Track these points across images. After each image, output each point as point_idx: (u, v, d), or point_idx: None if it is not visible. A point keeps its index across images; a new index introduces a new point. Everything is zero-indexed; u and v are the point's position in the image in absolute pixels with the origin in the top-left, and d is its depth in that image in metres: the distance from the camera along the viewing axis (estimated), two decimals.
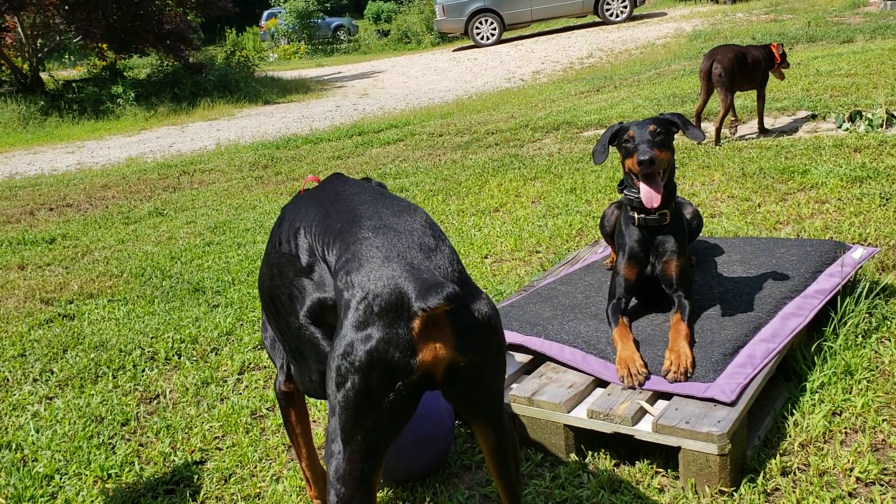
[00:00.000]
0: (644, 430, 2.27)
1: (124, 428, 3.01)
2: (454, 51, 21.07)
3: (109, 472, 2.69)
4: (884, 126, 5.86)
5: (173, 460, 2.73)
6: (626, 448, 2.43)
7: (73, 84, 16.86)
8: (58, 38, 16.67)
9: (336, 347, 1.54)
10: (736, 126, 6.62)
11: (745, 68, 6.21)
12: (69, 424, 3.04)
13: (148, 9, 16.07)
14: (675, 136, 2.71)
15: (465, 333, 1.55)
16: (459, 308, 1.54)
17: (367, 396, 1.52)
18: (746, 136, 6.43)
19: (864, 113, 6.12)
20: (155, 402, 3.23)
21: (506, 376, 2.62)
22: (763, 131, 6.46)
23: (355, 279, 1.57)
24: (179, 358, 3.59)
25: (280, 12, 30.14)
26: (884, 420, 2.43)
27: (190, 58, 16.76)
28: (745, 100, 7.15)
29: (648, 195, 2.57)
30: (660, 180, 2.59)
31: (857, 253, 3.18)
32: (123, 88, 15.47)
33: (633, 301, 2.89)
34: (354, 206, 1.80)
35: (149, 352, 3.68)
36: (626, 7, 19.98)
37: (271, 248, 1.99)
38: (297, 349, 1.93)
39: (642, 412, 2.33)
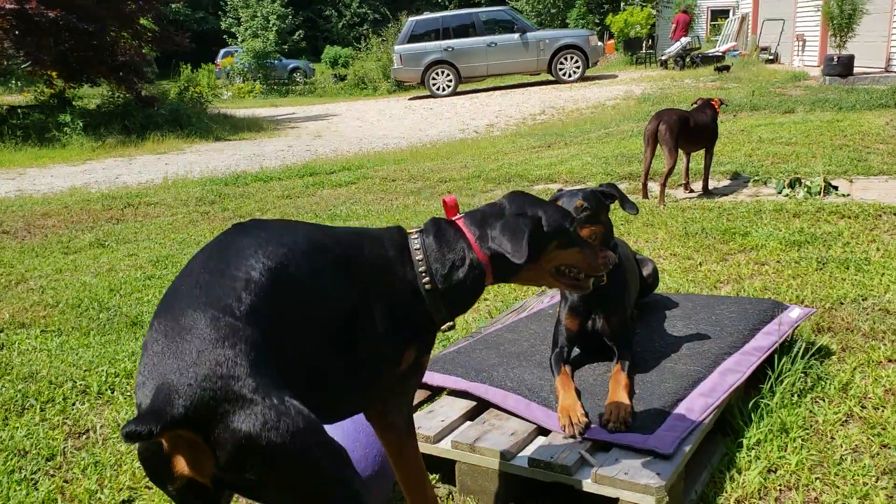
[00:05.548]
0: (584, 479, 2.27)
1: (49, 463, 2.89)
2: (410, 99, 21.31)
3: None
4: (821, 194, 6.08)
5: (99, 498, 2.63)
6: (567, 497, 2.42)
7: (18, 110, 16.50)
8: (5, 63, 16.35)
9: None
10: (690, 188, 6.83)
11: (688, 131, 6.42)
12: None
13: (102, 39, 15.89)
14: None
15: (227, 453, 1.38)
16: (214, 425, 1.37)
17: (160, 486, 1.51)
18: (690, 197, 6.60)
19: (803, 180, 6.36)
20: (84, 437, 3.11)
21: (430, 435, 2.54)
22: (707, 192, 6.66)
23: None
24: (112, 392, 3.48)
25: (237, 51, 30.16)
26: (817, 478, 2.47)
27: (142, 90, 16.59)
28: (697, 162, 7.32)
29: None
30: None
31: (795, 313, 3.27)
32: (71, 117, 15.20)
33: (576, 351, 2.93)
34: (177, 286, 1.60)
35: (81, 385, 3.55)
36: (578, 67, 20.55)
37: None
38: None
39: (582, 461, 2.33)
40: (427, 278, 1.92)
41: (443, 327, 1.98)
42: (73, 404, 3.38)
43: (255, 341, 1.47)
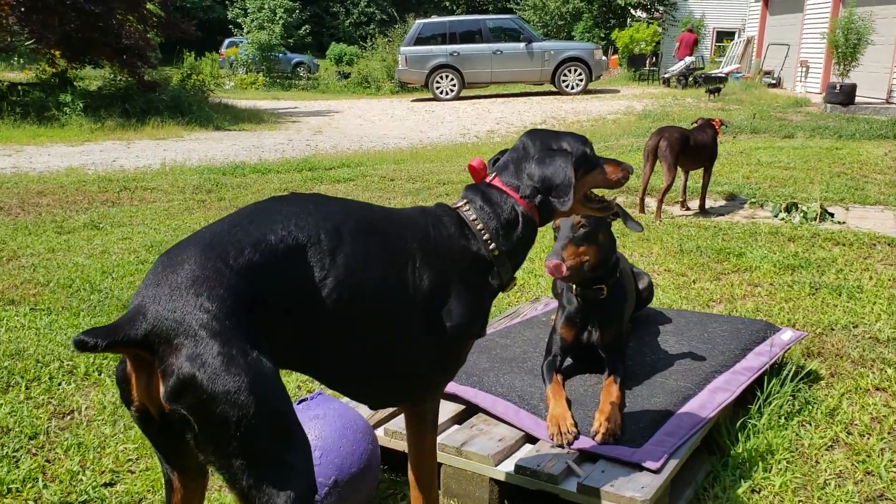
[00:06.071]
0: (569, 489, 2.27)
1: (32, 442, 2.87)
2: (413, 101, 21.32)
3: (10, 486, 2.55)
4: (817, 220, 6.11)
5: (81, 479, 2.61)
6: None
7: (19, 87, 16.41)
8: (9, 39, 16.25)
9: None
10: (687, 206, 6.85)
11: (688, 149, 6.44)
12: None
13: (108, 21, 15.82)
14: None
15: (169, 383, 1.43)
16: (167, 354, 1.43)
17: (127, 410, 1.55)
18: (686, 215, 6.62)
19: (799, 205, 6.38)
20: (68, 417, 3.09)
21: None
22: (703, 211, 6.68)
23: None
24: (100, 374, 3.46)
25: (242, 42, 30.09)
26: (800, 501, 2.48)
27: (145, 75, 16.51)
28: (695, 181, 7.35)
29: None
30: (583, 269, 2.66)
31: (786, 335, 3.28)
32: (72, 97, 15.11)
33: (569, 360, 2.92)
34: (199, 230, 1.68)
35: (68, 365, 3.53)
36: (581, 80, 20.60)
37: None
38: None
39: (569, 471, 2.33)
40: (493, 244, 1.96)
41: (508, 288, 2.02)
42: (59, 384, 3.36)
43: (240, 292, 1.50)
